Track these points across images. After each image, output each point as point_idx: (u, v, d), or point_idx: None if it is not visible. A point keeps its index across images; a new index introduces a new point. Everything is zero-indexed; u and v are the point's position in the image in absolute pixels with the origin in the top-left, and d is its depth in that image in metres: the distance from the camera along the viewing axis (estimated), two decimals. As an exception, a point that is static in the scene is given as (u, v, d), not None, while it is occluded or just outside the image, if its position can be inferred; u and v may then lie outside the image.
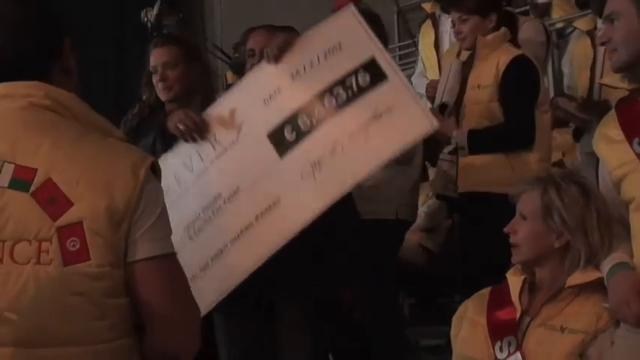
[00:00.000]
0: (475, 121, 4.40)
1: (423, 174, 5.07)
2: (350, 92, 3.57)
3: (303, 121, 3.60)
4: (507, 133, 4.33)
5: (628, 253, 2.68)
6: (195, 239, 3.64)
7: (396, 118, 3.51)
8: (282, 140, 3.61)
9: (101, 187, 1.90)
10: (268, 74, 3.72)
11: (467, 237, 4.46)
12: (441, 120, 4.26)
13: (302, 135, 3.59)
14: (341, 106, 3.57)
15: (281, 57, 3.69)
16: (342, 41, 3.63)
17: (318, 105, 3.59)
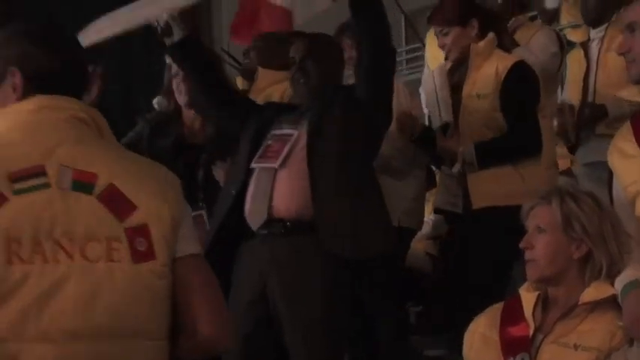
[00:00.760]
0: (477, 132, 4.32)
1: (432, 181, 5.02)
2: None
3: None
4: (516, 143, 4.29)
5: (642, 270, 2.66)
6: None
7: None
8: None
9: (158, 194, 2.05)
10: None
11: (470, 254, 4.32)
12: (445, 141, 4.24)
13: None
14: None
15: None
16: None
17: None
